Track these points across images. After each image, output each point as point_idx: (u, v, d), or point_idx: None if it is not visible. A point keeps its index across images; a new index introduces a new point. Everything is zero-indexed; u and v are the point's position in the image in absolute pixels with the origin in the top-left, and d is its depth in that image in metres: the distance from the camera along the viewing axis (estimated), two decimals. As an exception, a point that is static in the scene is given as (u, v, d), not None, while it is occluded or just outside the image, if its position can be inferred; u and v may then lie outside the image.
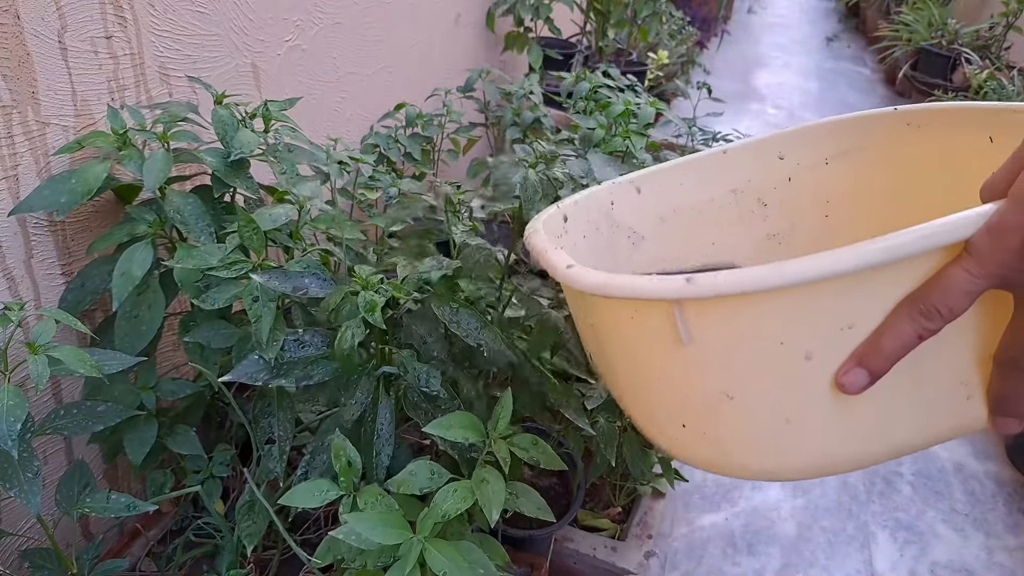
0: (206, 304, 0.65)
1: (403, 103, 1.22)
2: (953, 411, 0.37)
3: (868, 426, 0.36)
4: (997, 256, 0.30)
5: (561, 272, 0.39)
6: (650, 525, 1.06)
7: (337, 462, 0.61)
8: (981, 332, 0.34)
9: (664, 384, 0.39)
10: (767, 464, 0.38)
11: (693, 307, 0.33)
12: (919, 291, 0.32)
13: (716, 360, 0.35)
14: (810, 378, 0.34)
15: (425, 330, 0.65)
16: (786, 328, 0.33)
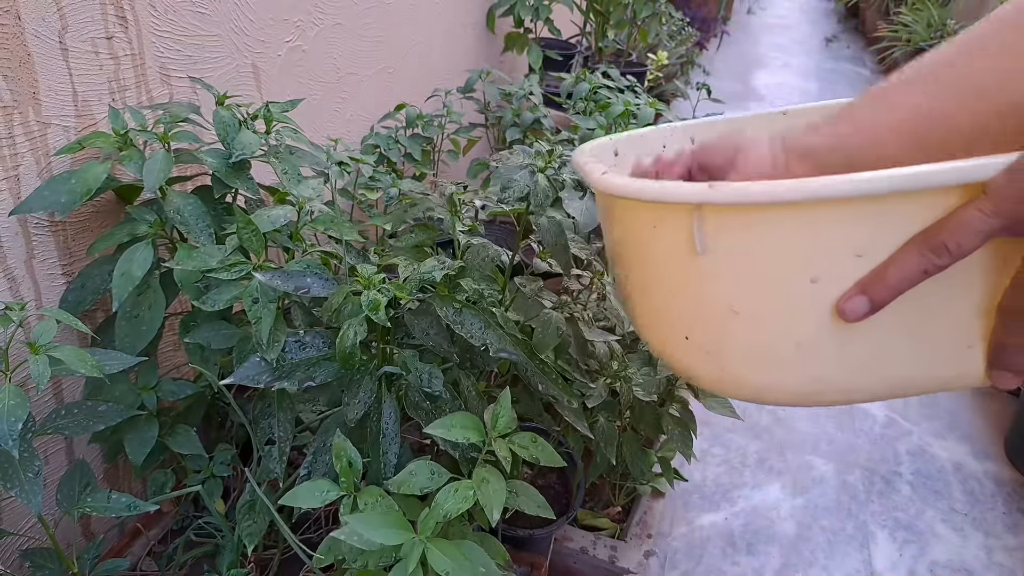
0: (206, 305, 0.65)
1: (403, 104, 1.22)
2: (952, 358, 0.37)
3: (865, 357, 0.37)
4: (1011, 193, 0.31)
5: (595, 177, 0.41)
6: (650, 524, 1.06)
7: (338, 462, 0.62)
8: (988, 282, 0.35)
9: (675, 295, 0.40)
10: (762, 382, 0.39)
11: (713, 214, 0.35)
12: (931, 227, 0.33)
13: (726, 273, 0.36)
14: (813, 301, 0.35)
15: (428, 326, 0.65)
16: (797, 248, 0.34)
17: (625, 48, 2.35)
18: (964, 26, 2.87)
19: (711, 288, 0.37)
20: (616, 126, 1.19)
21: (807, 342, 0.36)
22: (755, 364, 0.38)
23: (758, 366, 0.38)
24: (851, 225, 0.33)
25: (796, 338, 0.36)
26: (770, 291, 0.36)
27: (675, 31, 2.81)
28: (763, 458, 1.38)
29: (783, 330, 0.36)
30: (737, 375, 0.39)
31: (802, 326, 0.36)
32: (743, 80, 3.86)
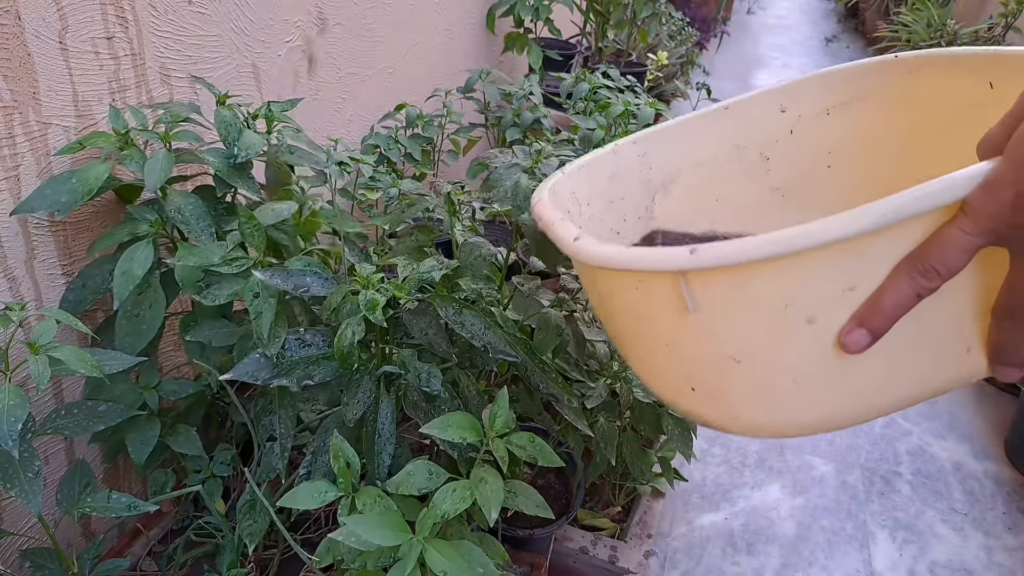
0: (207, 300, 0.65)
1: (403, 104, 1.22)
2: (953, 363, 0.38)
3: (872, 381, 0.37)
4: (991, 213, 0.31)
5: (568, 244, 0.40)
6: (649, 524, 1.06)
7: (336, 463, 0.62)
8: (978, 286, 0.35)
9: (672, 350, 0.40)
10: (775, 422, 0.39)
11: (698, 277, 0.34)
12: (917, 251, 0.33)
13: (722, 326, 0.36)
14: (814, 340, 0.35)
15: (427, 326, 0.65)
16: (789, 293, 0.34)
17: (625, 48, 2.35)
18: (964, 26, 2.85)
19: (708, 343, 0.37)
20: (616, 126, 1.19)
21: (813, 378, 0.37)
22: (766, 406, 0.38)
23: (769, 407, 0.38)
24: (839, 263, 0.33)
25: (802, 375, 0.37)
26: (769, 337, 0.36)
27: (675, 31, 2.81)
28: (763, 458, 1.38)
29: (788, 370, 0.37)
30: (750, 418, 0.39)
31: (806, 364, 0.36)
32: (743, 80, 3.86)
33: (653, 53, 2.09)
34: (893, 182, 0.62)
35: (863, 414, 0.38)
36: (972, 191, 0.32)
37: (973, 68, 0.53)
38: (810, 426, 0.38)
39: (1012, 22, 3.03)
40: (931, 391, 0.39)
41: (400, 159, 1.15)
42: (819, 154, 0.62)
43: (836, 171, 0.62)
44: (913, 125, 0.59)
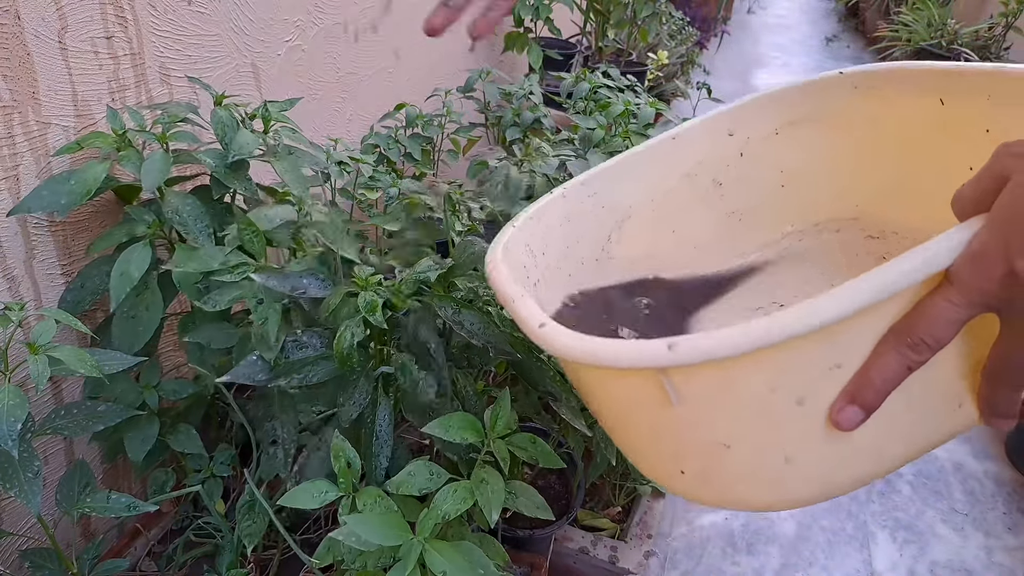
0: (208, 306, 0.65)
1: (403, 103, 1.22)
2: (945, 420, 0.37)
3: (864, 451, 0.36)
4: (980, 285, 0.30)
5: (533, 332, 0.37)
6: (650, 525, 1.06)
7: (336, 463, 0.62)
8: (967, 346, 0.34)
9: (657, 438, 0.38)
10: (769, 499, 0.38)
11: (678, 372, 0.33)
12: (903, 323, 0.32)
13: (708, 415, 0.35)
14: (804, 420, 0.34)
15: (424, 327, 0.65)
16: (775, 378, 0.33)
17: (625, 47, 2.35)
18: (964, 26, 2.85)
19: (695, 431, 0.36)
20: (616, 125, 1.19)
21: (806, 455, 0.36)
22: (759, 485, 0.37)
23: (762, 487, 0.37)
24: (823, 344, 0.32)
25: (794, 455, 0.35)
26: (758, 421, 0.34)
27: (675, 31, 2.80)
28: (763, 458, 1.38)
29: (779, 451, 0.35)
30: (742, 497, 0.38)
31: (798, 443, 0.35)
32: (743, 79, 3.86)
33: (653, 52, 2.08)
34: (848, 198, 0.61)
35: (857, 482, 0.37)
36: (958, 261, 0.30)
37: (921, 83, 0.52)
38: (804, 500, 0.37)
39: (1012, 22, 3.03)
40: (925, 448, 0.38)
41: (400, 159, 1.15)
42: (772, 175, 0.61)
43: (790, 189, 0.61)
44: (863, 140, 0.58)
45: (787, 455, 0.35)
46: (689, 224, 0.61)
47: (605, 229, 0.58)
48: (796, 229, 0.62)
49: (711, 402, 0.34)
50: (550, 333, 0.36)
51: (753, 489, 0.37)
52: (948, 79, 0.50)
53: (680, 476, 0.38)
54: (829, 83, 0.57)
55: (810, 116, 0.59)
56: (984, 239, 0.30)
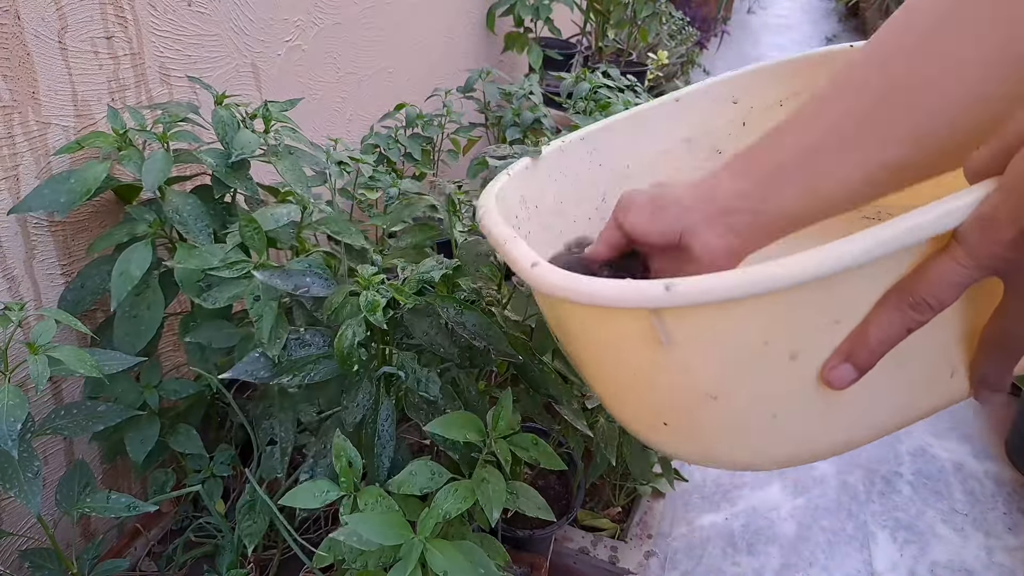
0: (207, 303, 0.65)
1: (403, 103, 1.22)
2: (936, 388, 0.36)
3: (853, 413, 0.35)
4: (988, 248, 0.30)
5: (524, 270, 0.37)
6: (650, 525, 1.06)
7: (338, 462, 0.61)
8: (964, 311, 0.33)
9: (642, 384, 0.37)
10: (750, 458, 0.37)
11: (672, 313, 0.32)
12: (906, 282, 0.31)
13: (698, 362, 0.34)
14: (796, 375, 0.33)
15: (428, 327, 0.65)
16: (770, 329, 0.32)
17: (625, 47, 2.35)
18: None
19: (682, 378, 0.35)
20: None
21: (793, 413, 0.35)
22: (743, 443, 0.36)
23: (746, 443, 0.36)
24: (820, 297, 0.31)
25: (782, 411, 0.35)
26: (748, 373, 0.33)
27: (675, 31, 2.80)
28: (763, 458, 1.38)
29: (768, 406, 0.35)
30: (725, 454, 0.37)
31: (787, 400, 0.34)
32: (743, 80, 3.86)
33: (653, 52, 2.08)
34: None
35: (842, 446, 0.37)
36: (967, 222, 0.30)
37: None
38: (787, 460, 0.37)
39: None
40: (913, 418, 0.37)
41: (400, 159, 1.15)
42: None
43: None
44: None
45: (774, 411, 0.35)
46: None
47: (600, 187, 0.57)
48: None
49: (702, 348, 0.33)
50: (542, 272, 0.36)
51: (736, 446, 0.37)
52: None
53: (663, 428, 0.38)
54: (838, 55, 0.56)
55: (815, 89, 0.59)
56: (995, 202, 0.29)
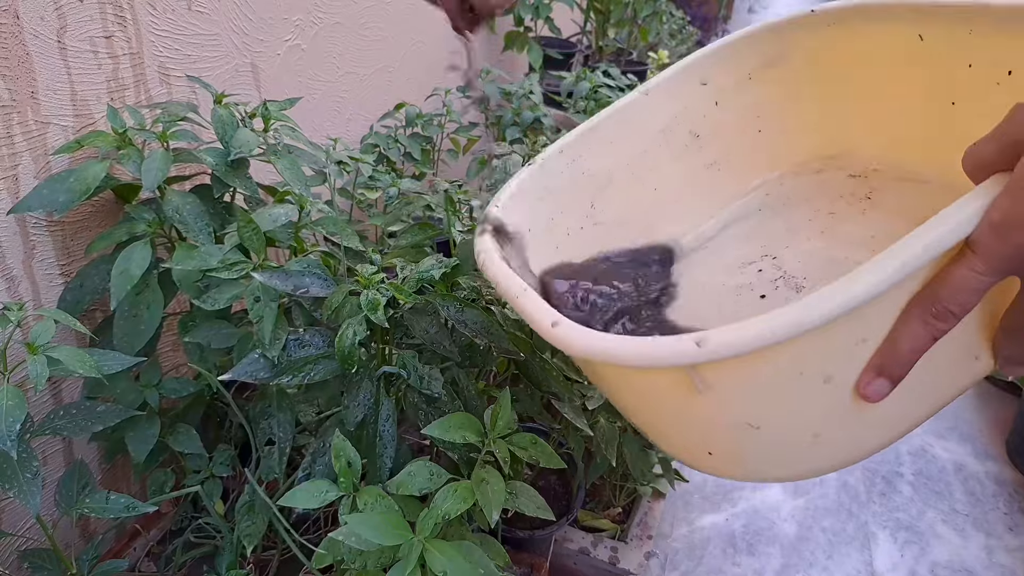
0: (207, 305, 0.64)
1: (403, 103, 1.22)
2: (963, 373, 0.37)
3: (890, 415, 0.36)
4: (1003, 252, 0.30)
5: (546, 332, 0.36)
6: (650, 525, 1.06)
7: (337, 463, 0.61)
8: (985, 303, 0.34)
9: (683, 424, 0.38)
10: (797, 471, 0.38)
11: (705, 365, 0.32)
12: (927, 293, 0.32)
13: (735, 400, 0.34)
14: (831, 396, 0.34)
15: (428, 325, 0.65)
16: (802, 361, 0.33)
17: (626, 47, 2.34)
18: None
19: (722, 415, 0.35)
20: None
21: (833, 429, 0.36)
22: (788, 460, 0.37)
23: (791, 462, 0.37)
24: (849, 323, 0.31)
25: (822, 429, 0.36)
26: (786, 402, 0.34)
27: (676, 30, 2.80)
28: (764, 458, 1.37)
29: (808, 428, 0.35)
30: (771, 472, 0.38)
31: (825, 419, 0.35)
32: (744, 79, 3.86)
33: (654, 52, 2.08)
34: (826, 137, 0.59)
35: (883, 444, 0.38)
36: (979, 229, 0.30)
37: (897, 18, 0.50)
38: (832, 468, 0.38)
39: (1013, 21, 3.02)
40: (945, 402, 0.38)
41: (400, 158, 1.15)
42: (748, 119, 0.60)
43: (767, 134, 0.60)
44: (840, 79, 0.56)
45: (815, 431, 0.35)
46: (669, 181, 0.60)
47: (587, 196, 0.57)
48: (777, 174, 0.61)
49: (738, 389, 0.34)
50: (565, 332, 0.35)
51: (783, 464, 0.37)
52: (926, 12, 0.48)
53: (708, 457, 0.38)
54: (801, 22, 0.56)
55: (783, 57, 0.58)
56: (1005, 207, 0.29)
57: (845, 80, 0.56)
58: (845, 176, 0.58)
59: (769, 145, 0.61)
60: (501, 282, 0.41)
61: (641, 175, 0.59)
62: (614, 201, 0.58)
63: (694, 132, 0.60)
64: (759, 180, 0.62)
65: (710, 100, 0.59)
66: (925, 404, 0.37)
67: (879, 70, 0.54)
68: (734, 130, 0.60)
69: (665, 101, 0.58)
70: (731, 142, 0.61)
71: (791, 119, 0.60)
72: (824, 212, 0.57)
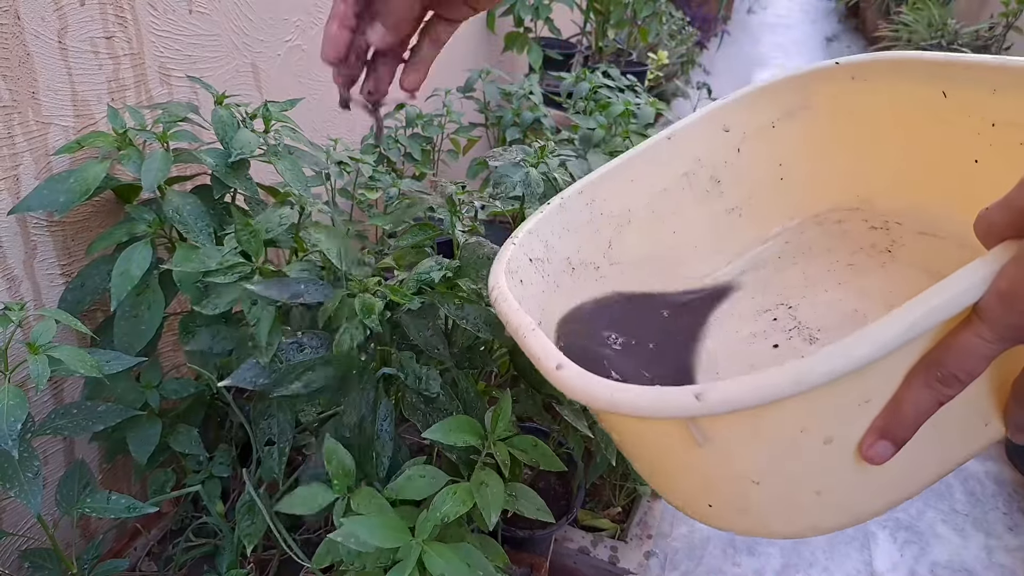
0: (206, 310, 0.65)
1: (403, 103, 1.22)
2: (972, 438, 0.37)
3: (896, 478, 0.36)
4: (1010, 321, 0.29)
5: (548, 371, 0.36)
6: (650, 525, 1.06)
7: (329, 465, 0.61)
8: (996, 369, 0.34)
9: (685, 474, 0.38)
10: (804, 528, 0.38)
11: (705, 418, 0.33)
12: (933, 357, 0.31)
13: (736, 455, 0.34)
14: (833, 456, 0.34)
15: (424, 328, 0.65)
16: (803, 419, 0.32)
17: (625, 47, 2.34)
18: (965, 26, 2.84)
19: (723, 468, 0.35)
20: (616, 125, 1.19)
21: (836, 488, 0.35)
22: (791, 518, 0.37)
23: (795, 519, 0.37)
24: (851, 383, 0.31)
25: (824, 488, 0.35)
26: (786, 460, 0.34)
27: (675, 30, 2.80)
28: (763, 458, 1.38)
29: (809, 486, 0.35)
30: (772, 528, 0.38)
31: (827, 478, 0.35)
32: (744, 79, 3.86)
33: (653, 52, 2.08)
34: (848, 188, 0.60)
35: (891, 505, 0.37)
36: (986, 297, 0.30)
37: (923, 74, 0.50)
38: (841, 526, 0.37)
39: (1013, 22, 3.02)
40: (952, 466, 0.38)
41: (400, 159, 1.15)
42: (770, 168, 0.60)
43: (788, 182, 0.61)
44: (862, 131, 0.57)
45: (817, 489, 0.35)
46: (688, 224, 0.60)
47: (605, 236, 0.58)
48: (797, 222, 0.62)
49: (738, 443, 0.34)
50: (568, 376, 0.35)
51: (786, 521, 0.37)
52: (950, 70, 0.48)
53: (709, 509, 0.38)
54: (825, 74, 0.56)
55: (806, 107, 0.58)
56: (1013, 276, 0.29)
57: (868, 133, 0.57)
58: (867, 228, 0.59)
59: (791, 193, 0.61)
60: (512, 320, 0.41)
61: (661, 217, 0.59)
62: (632, 242, 0.58)
63: (715, 178, 0.60)
64: (779, 228, 0.62)
65: (733, 146, 0.60)
66: (931, 468, 0.37)
67: (902, 125, 0.54)
68: (755, 177, 0.61)
69: (688, 145, 0.59)
70: (752, 189, 0.61)
71: (813, 168, 0.60)
72: (843, 264, 0.57)
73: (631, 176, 0.58)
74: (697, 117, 0.58)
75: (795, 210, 0.61)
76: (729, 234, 0.61)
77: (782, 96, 0.58)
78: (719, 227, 0.61)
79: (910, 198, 0.56)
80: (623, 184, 0.57)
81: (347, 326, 0.60)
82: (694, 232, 0.61)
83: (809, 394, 0.30)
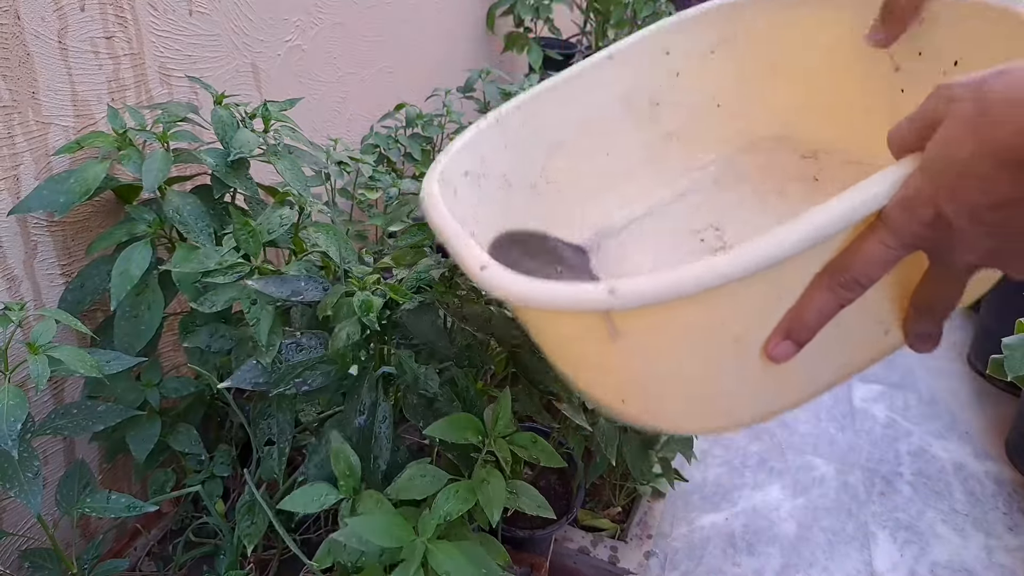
0: (204, 307, 0.65)
1: (403, 103, 1.22)
2: (872, 345, 0.39)
3: (799, 378, 0.38)
4: (911, 228, 0.31)
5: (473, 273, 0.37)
6: (650, 525, 1.06)
7: (336, 466, 0.61)
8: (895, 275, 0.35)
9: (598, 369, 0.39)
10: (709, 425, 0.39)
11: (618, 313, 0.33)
12: (837, 262, 0.33)
13: (646, 350, 0.36)
14: (740, 355, 0.35)
15: (426, 326, 0.65)
16: (711, 317, 0.34)
17: (625, 48, 2.34)
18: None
19: (634, 364, 0.36)
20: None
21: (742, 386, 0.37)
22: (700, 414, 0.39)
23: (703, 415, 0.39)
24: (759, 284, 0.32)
25: (732, 386, 0.37)
26: (696, 357, 0.35)
27: (675, 31, 2.80)
28: (764, 459, 1.37)
29: (717, 384, 0.37)
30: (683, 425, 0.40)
31: (735, 376, 0.36)
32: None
33: (653, 53, 2.08)
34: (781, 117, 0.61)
35: (793, 405, 0.39)
36: (890, 203, 0.31)
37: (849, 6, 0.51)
38: (743, 424, 0.39)
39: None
40: (853, 372, 0.40)
41: (400, 159, 1.15)
42: (708, 94, 0.61)
43: (725, 109, 0.61)
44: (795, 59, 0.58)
45: (724, 387, 0.37)
46: (623, 146, 0.60)
47: (540, 154, 0.57)
48: (732, 149, 0.63)
49: (650, 339, 0.35)
50: (490, 275, 0.36)
51: (693, 417, 0.39)
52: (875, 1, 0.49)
53: (622, 404, 0.40)
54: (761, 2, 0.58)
55: (744, 33, 0.59)
56: (915, 183, 0.31)
57: (794, 64, 0.58)
58: (797, 157, 0.60)
59: (726, 120, 0.62)
60: (438, 224, 0.41)
61: (596, 138, 0.59)
62: (566, 163, 0.58)
63: (654, 101, 0.60)
64: (714, 155, 0.63)
65: (673, 70, 0.60)
66: (831, 371, 0.39)
67: (828, 56, 0.55)
68: (693, 103, 0.61)
69: (628, 66, 0.59)
70: (689, 113, 0.61)
71: (748, 96, 0.61)
72: (773, 191, 0.59)
73: (570, 95, 0.57)
74: (639, 37, 0.58)
75: (730, 136, 0.62)
76: (664, 159, 0.62)
77: (717, 23, 0.59)
78: (653, 151, 0.61)
79: (837, 129, 0.57)
80: (562, 104, 0.57)
81: (343, 324, 0.60)
82: (627, 154, 0.61)
83: (719, 291, 0.31)
